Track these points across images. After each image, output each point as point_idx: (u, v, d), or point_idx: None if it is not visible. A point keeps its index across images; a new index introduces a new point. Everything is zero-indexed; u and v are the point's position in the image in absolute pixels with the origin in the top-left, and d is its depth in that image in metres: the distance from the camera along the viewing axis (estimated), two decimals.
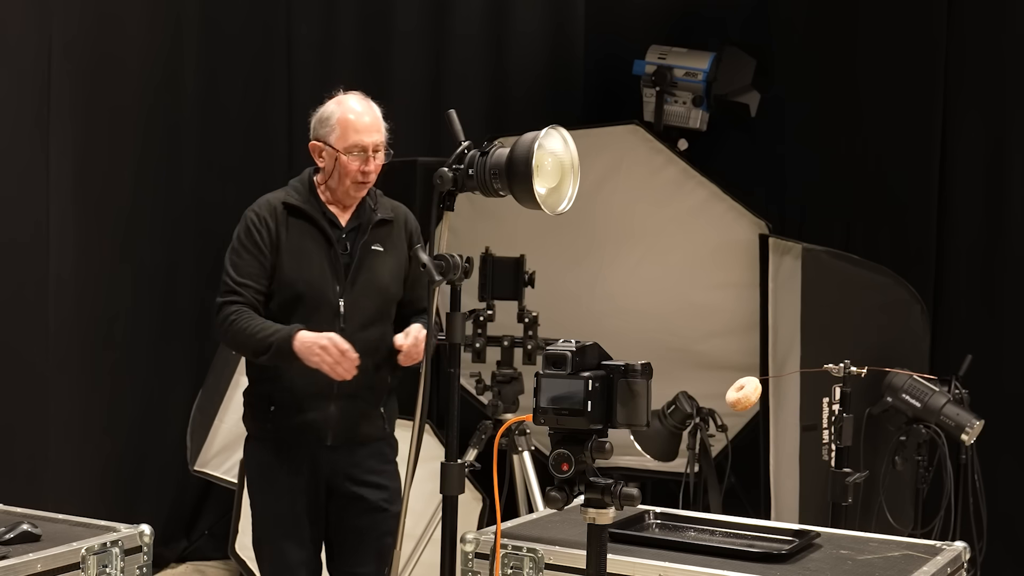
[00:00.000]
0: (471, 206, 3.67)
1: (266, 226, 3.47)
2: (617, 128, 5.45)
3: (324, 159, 3.50)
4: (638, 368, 2.35)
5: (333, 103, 3.52)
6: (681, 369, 5.08)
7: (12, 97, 4.79)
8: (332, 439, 3.46)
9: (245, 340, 3.40)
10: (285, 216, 3.49)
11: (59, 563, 2.80)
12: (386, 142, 3.51)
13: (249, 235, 3.48)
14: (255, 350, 3.39)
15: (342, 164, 3.44)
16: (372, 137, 3.46)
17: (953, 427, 4.36)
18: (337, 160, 3.45)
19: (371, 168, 3.47)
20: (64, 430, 5.04)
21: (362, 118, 3.47)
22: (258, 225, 3.47)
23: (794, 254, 4.88)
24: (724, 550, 2.87)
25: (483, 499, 4.87)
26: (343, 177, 3.46)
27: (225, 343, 3.53)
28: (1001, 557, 4.83)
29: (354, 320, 3.45)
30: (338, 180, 3.48)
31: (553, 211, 2.95)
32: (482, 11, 6.29)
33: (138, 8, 5.31)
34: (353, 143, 3.44)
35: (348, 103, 3.50)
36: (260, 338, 3.36)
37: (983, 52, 5.37)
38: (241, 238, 3.49)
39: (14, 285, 4.84)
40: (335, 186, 3.49)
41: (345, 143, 3.45)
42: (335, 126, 3.47)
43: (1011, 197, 5.30)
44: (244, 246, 3.48)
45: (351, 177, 3.46)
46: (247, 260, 3.47)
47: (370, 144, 3.46)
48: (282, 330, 3.36)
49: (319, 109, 3.55)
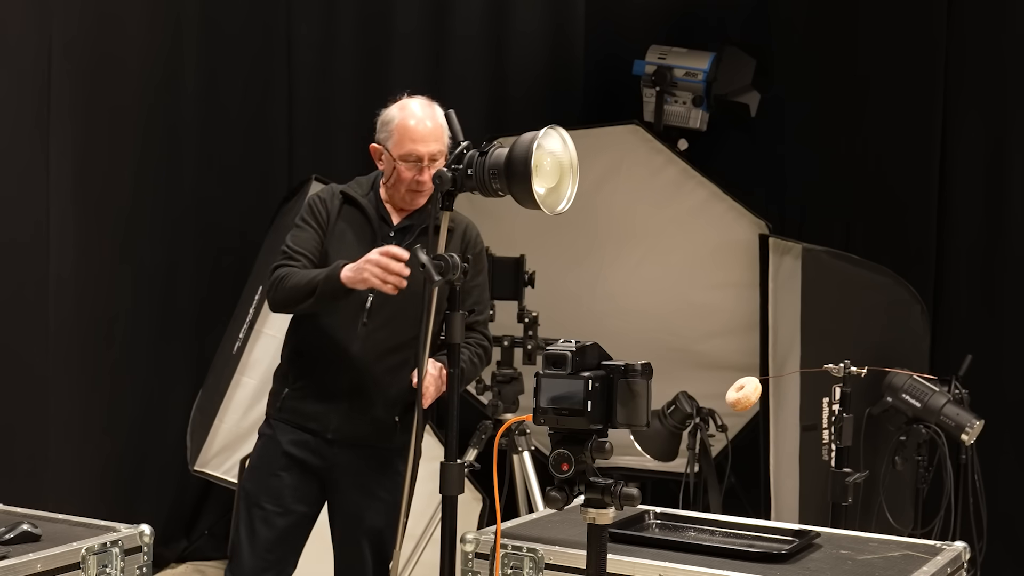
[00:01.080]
0: (471, 206, 3.66)
1: (325, 207, 3.50)
2: (617, 128, 5.45)
3: (383, 162, 3.49)
4: (638, 368, 2.35)
5: (396, 107, 3.47)
6: (681, 369, 5.07)
7: (12, 97, 4.79)
8: (333, 433, 3.46)
9: (293, 287, 3.35)
10: (341, 203, 3.51)
11: (59, 563, 2.80)
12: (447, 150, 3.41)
13: (311, 212, 3.51)
14: (305, 292, 3.32)
15: (398, 171, 3.42)
16: (429, 147, 3.39)
17: (953, 427, 4.36)
18: (391, 166, 3.43)
19: (425, 178, 3.39)
20: (64, 430, 5.04)
21: (421, 125, 3.40)
22: (318, 206, 3.51)
23: (794, 254, 4.88)
24: (724, 550, 2.87)
25: (483, 499, 4.87)
26: (398, 183, 3.44)
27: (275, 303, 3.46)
28: (1001, 557, 4.84)
29: (378, 317, 3.41)
30: (394, 186, 3.46)
31: (552, 211, 2.95)
32: (482, 11, 6.29)
33: (138, 8, 5.31)
34: (408, 151, 3.39)
35: (410, 108, 3.44)
36: (308, 279, 3.33)
37: (983, 52, 5.37)
38: (304, 215, 3.53)
39: (14, 285, 4.84)
40: (392, 190, 3.48)
41: (401, 150, 3.40)
42: (393, 131, 3.42)
43: (1011, 197, 5.30)
44: (305, 221, 3.51)
45: (406, 185, 3.43)
46: (307, 233, 3.49)
47: (426, 154, 3.39)
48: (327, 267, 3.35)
49: (384, 110, 3.50)
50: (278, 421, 3.53)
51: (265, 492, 3.50)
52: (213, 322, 5.49)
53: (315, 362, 3.48)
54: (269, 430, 3.55)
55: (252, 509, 3.51)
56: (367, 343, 3.43)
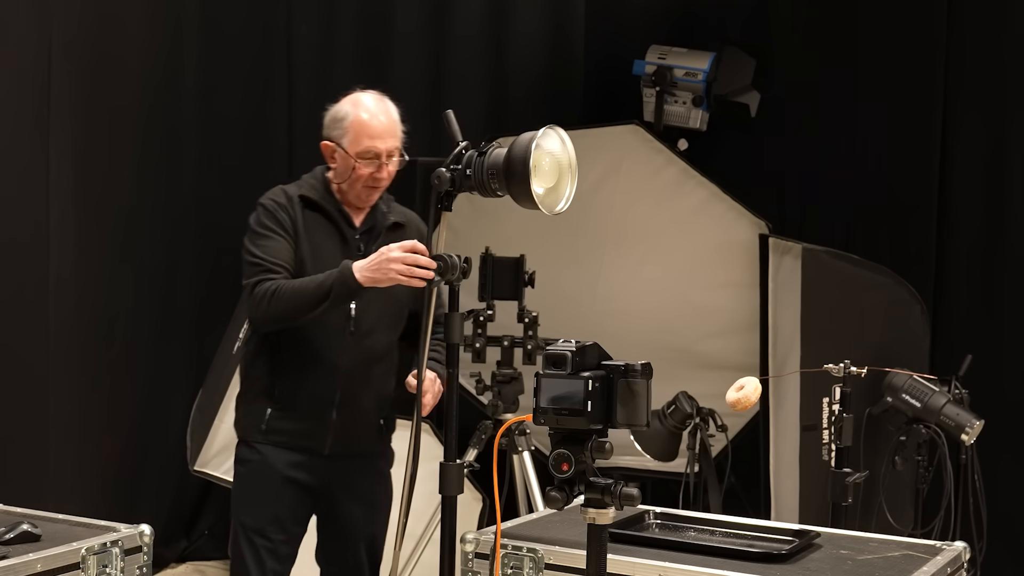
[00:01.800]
0: (471, 206, 3.66)
1: (287, 213, 3.33)
2: (617, 128, 5.45)
3: (336, 160, 3.39)
4: (638, 368, 2.35)
5: (348, 103, 3.39)
6: (681, 369, 5.07)
7: (12, 97, 4.79)
8: (330, 448, 3.38)
9: (296, 296, 3.19)
10: (301, 208, 3.36)
11: (59, 563, 2.79)
12: (402, 146, 3.39)
13: (272, 218, 3.31)
14: (314, 300, 3.17)
15: (355, 169, 3.33)
16: (387, 143, 3.34)
17: (953, 427, 4.36)
18: (347, 164, 3.34)
19: (384, 175, 3.36)
20: (64, 430, 5.05)
21: (377, 121, 3.33)
22: (279, 212, 3.32)
23: (794, 254, 4.88)
24: (724, 550, 2.87)
25: (483, 499, 4.87)
26: (354, 181, 3.35)
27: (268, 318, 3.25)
28: (1001, 557, 4.83)
29: (364, 324, 3.36)
30: (350, 184, 3.36)
31: (551, 211, 2.95)
32: (482, 11, 6.29)
33: (138, 8, 5.31)
34: (366, 148, 3.32)
35: (364, 103, 3.37)
36: (315, 286, 3.18)
37: (983, 52, 5.37)
38: (264, 222, 3.32)
39: (14, 285, 4.84)
40: (347, 189, 3.38)
41: (358, 148, 3.32)
42: (348, 129, 3.34)
43: (1011, 197, 5.30)
44: (270, 228, 3.31)
45: (363, 182, 3.35)
46: (276, 242, 3.29)
47: (384, 150, 3.34)
48: (333, 271, 3.18)
49: (333, 106, 3.42)
50: (265, 444, 3.37)
51: (268, 523, 3.38)
52: (213, 322, 5.48)
53: (303, 377, 3.35)
54: (256, 455, 3.39)
55: (255, 539, 3.37)
56: (355, 352, 3.36)
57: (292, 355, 3.36)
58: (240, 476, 3.44)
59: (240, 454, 3.44)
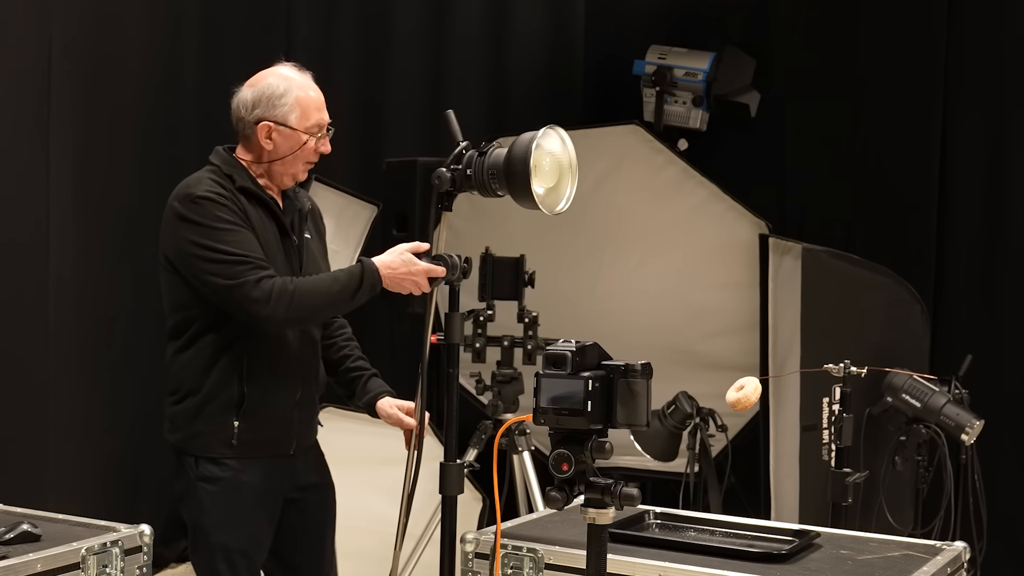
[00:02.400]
0: (471, 206, 3.66)
1: (236, 203, 3.12)
2: (617, 128, 5.45)
3: (274, 140, 3.21)
4: (638, 368, 2.35)
5: (276, 79, 3.26)
6: (681, 369, 5.08)
7: (12, 97, 4.79)
8: (295, 447, 3.28)
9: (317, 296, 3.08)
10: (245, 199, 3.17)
11: (59, 563, 2.80)
12: None
13: (229, 211, 3.09)
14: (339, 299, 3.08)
15: (305, 145, 3.22)
16: (325, 113, 3.29)
17: (953, 427, 4.36)
18: (296, 141, 3.21)
19: (328, 148, 3.28)
20: (64, 430, 5.04)
21: (316, 92, 3.28)
22: (229, 203, 3.11)
23: (794, 254, 4.88)
24: (724, 550, 2.87)
25: (483, 499, 4.87)
26: (296, 159, 3.23)
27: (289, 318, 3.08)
28: (1001, 557, 4.83)
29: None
30: (291, 162, 3.23)
31: (551, 211, 2.95)
32: (482, 12, 6.29)
33: (138, 8, 5.31)
34: (316, 121, 3.23)
35: (296, 79, 3.26)
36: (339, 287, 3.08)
37: (983, 52, 5.37)
38: (220, 216, 3.07)
39: (14, 285, 4.83)
40: (282, 169, 3.22)
41: (308, 122, 3.21)
42: (295, 105, 3.21)
43: (1011, 197, 5.30)
44: (229, 222, 3.08)
45: (307, 158, 3.25)
46: (244, 235, 3.10)
47: (327, 121, 3.28)
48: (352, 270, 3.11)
49: (250, 88, 3.28)
50: (236, 459, 3.18)
51: (248, 541, 3.23)
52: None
53: (270, 382, 3.20)
54: (226, 471, 3.18)
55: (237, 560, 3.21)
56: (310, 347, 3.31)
57: (267, 362, 3.19)
58: (212, 496, 3.20)
59: (205, 472, 3.21)
